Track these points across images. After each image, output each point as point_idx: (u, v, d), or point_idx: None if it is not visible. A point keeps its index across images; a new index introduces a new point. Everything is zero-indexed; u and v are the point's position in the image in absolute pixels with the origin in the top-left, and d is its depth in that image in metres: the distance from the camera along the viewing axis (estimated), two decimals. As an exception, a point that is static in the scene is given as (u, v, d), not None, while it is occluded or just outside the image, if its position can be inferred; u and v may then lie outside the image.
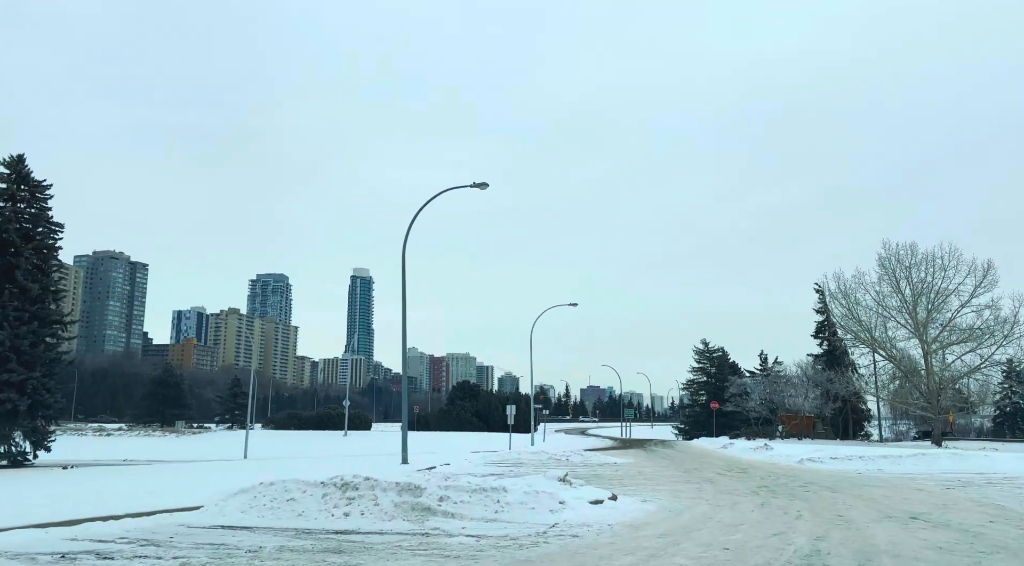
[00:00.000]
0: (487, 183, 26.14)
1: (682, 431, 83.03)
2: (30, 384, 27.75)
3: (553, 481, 13.48)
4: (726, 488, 17.59)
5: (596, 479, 20.58)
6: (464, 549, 8.52)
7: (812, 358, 65.86)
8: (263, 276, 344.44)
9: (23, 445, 28.57)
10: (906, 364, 56.39)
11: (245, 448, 41.13)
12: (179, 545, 8.77)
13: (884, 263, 55.82)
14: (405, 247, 26.79)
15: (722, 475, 22.54)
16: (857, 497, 15.17)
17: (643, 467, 26.67)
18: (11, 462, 27.97)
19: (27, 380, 27.61)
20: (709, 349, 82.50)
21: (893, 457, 26.52)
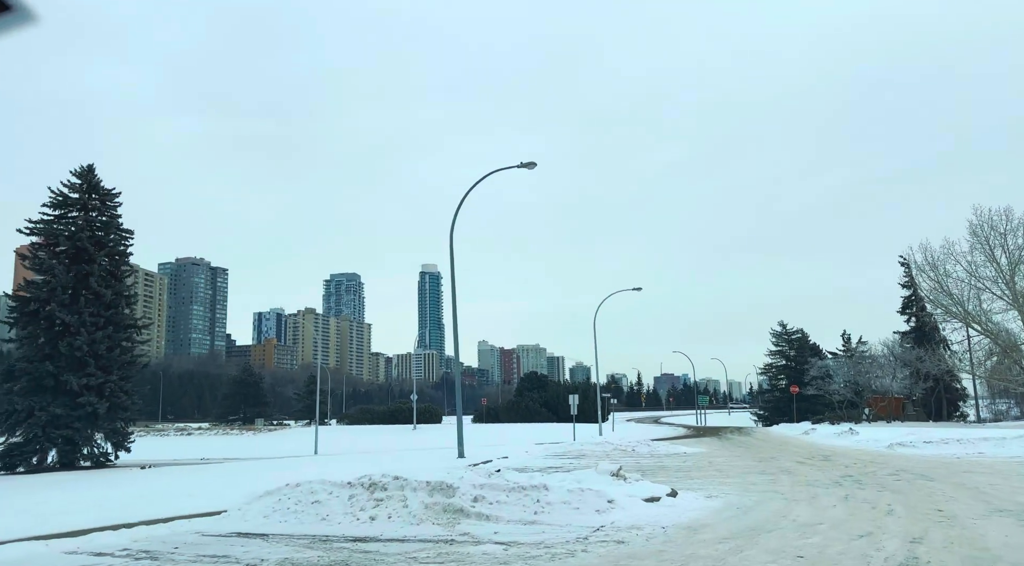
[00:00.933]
0: (535, 163, 24.90)
1: (761, 417, 79.77)
2: (108, 387, 28.43)
3: (605, 476, 12.22)
4: (805, 479, 15.90)
5: (661, 471, 19.17)
6: (487, 560, 7.40)
7: (899, 336, 61.88)
8: (336, 276, 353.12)
9: (104, 446, 29.33)
10: (1004, 338, 52.12)
11: (315, 444, 41.35)
12: (179, 558, 7.98)
13: (976, 231, 51.57)
14: (452, 231, 25.87)
15: (801, 464, 20.71)
16: (958, 486, 13.30)
17: (714, 457, 24.99)
18: (94, 463, 28.72)
19: (105, 383, 28.29)
20: (787, 331, 78.89)
21: (995, 439, 24.00)
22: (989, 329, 52.94)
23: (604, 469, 12.47)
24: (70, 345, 27.52)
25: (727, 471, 18.74)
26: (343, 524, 9.83)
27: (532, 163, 24.90)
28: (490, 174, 25.71)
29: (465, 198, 25.47)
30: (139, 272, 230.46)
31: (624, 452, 27.81)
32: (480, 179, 25.61)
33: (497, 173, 25.76)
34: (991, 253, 51.53)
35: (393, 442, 49.06)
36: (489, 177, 25.62)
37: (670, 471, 19.03)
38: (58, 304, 27.92)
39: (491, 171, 25.70)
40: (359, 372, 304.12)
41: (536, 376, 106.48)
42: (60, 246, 29.30)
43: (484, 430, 68.65)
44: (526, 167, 24.90)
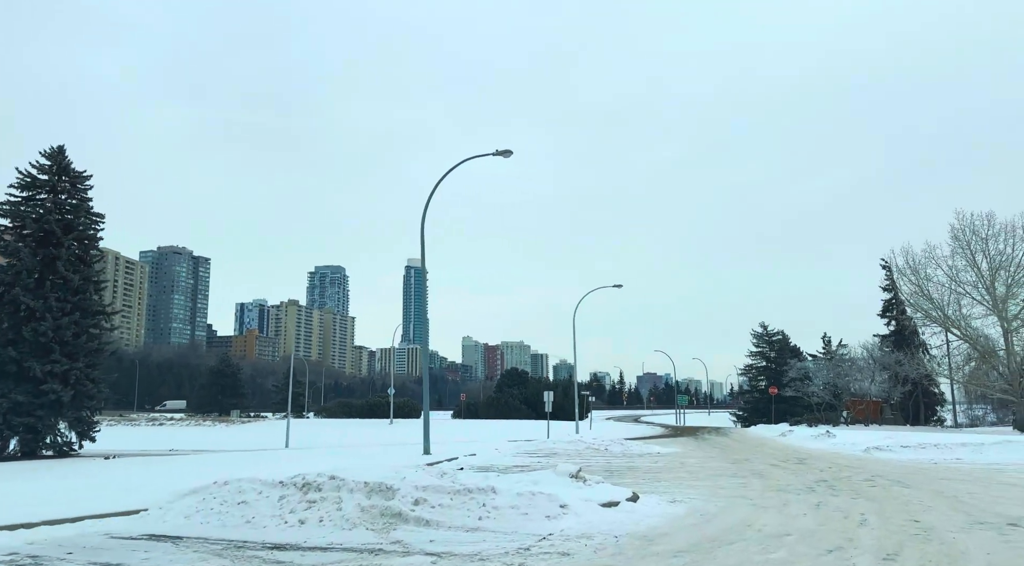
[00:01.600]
0: (510, 151, 24.07)
1: (740, 418, 79.60)
2: (73, 374, 27.47)
3: (563, 478, 11.43)
4: (777, 483, 15.20)
5: (630, 472, 18.45)
6: (411, 574, 6.57)
7: (879, 339, 61.69)
8: (321, 268, 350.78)
9: (68, 435, 28.38)
10: (983, 344, 51.97)
11: (287, 437, 40.44)
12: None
13: (957, 235, 51.32)
14: (424, 219, 25.00)
15: (775, 467, 20.06)
16: (936, 494, 12.64)
17: (688, 458, 24.31)
18: (57, 452, 27.75)
19: (70, 370, 27.30)
20: (768, 333, 78.73)
21: (973, 445, 23.48)
22: (968, 334, 52.76)
23: (563, 470, 11.67)
24: (34, 331, 26.53)
25: (698, 473, 18.03)
26: (268, 528, 8.96)
27: (508, 151, 24.07)
28: (464, 161, 24.87)
29: (437, 186, 24.62)
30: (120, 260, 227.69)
31: (596, 451, 27.11)
32: (453, 167, 24.77)
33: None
34: (972, 258, 51.30)
35: (367, 436, 48.16)
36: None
37: (639, 472, 18.30)
38: (23, 288, 26.91)
39: (465, 159, 24.86)
40: (341, 365, 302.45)
41: (517, 373, 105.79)
42: (26, 229, 28.26)
43: (461, 426, 67.90)
44: (501, 155, 24.07)
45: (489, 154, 24.24)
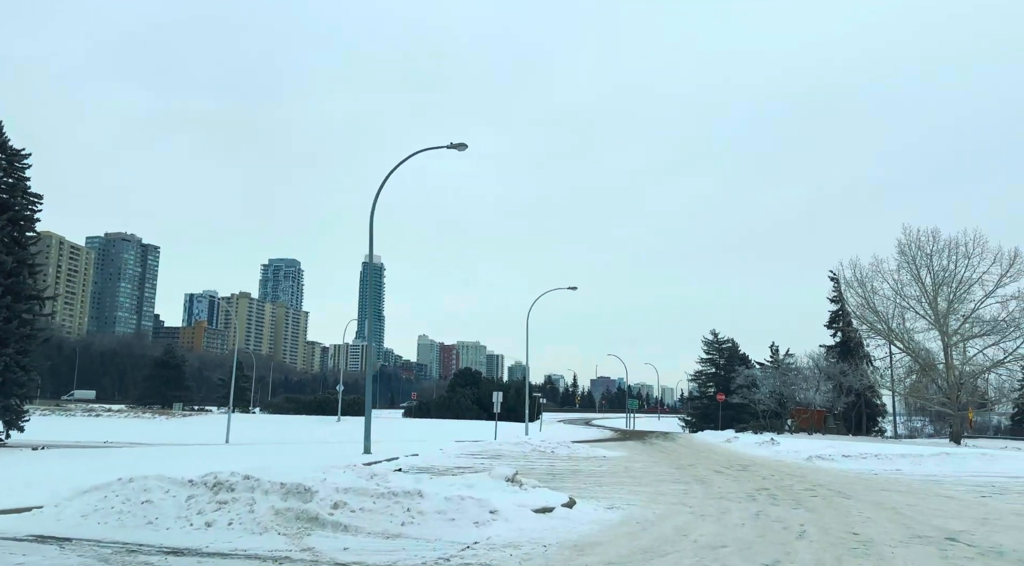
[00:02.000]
0: (465, 144, 23.51)
1: (689, 423, 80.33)
2: (2, 361, 25.97)
3: (499, 481, 10.92)
4: (718, 490, 14.96)
5: (572, 476, 18.06)
6: (314, 586, 5.98)
7: (825, 350, 62.84)
8: (275, 261, 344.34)
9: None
10: (924, 357, 53.30)
11: (227, 432, 39.22)
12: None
13: (904, 250, 52.60)
14: (373, 211, 24.26)
15: (718, 473, 19.91)
16: (876, 506, 12.51)
17: (633, 462, 24.07)
18: (-19, 441, 26.24)
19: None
20: (719, 340, 79.65)
21: (913, 456, 23.77)
22: (911, 347, 54.03)
23: (499, 474, 11.17)
24: (-40, 314, 25.02)
25: (641, 478, 17.73)
26: (172, 530, 8.25)
27: (462, 144, 23.50)
28: (417, 153, 24.21)
29: (388, 177, 23.91)
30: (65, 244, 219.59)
31: (543, 454, 26.72)
32: (405, 158, 24.09)
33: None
34: (917, 273, 52.58)
35: (311, 434, 47.06)
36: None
37: (582, 476, 17.93)
38: (-50, 269, 25.38)
39: (417, 151, 24.20)
40: (293, 360, 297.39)
41: (470, 372, 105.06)
42: (-44, 206, 26.68)
43: (411, 425, 66.91)
44: (456, 148, 23.49)
45: (443, 147, 23.65)
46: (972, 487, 16.26)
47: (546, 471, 19.19)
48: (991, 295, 50.32)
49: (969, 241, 50.74)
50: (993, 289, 50.11)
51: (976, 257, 50.24)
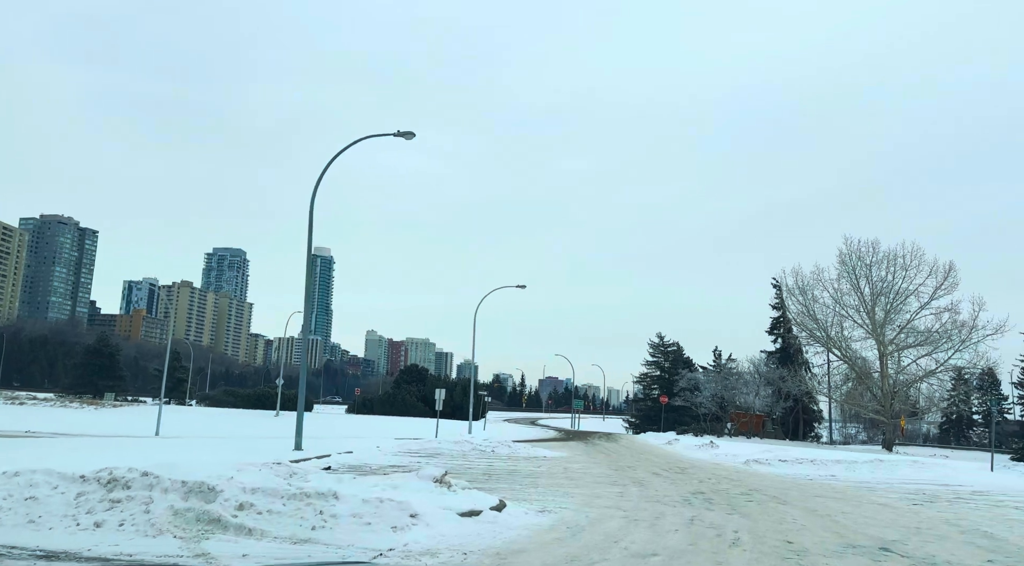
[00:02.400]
0: (412, 133, 22.84)
1: (632, 425, 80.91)
2: None
3: (425, 482, 10.36)
4: (655, 493, 14.69)
5: (509, 476, 17.59)
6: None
7: (766, 355, 63.95)
8: (220, 250, 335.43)
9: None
10: (860, 365, 54.66)
11: (158, 424, 37.64)
12: None
13: (845, 260, 53.85)
14: (314, 199, 23.36)
15: (657, 475, 19.73)
16: (810, 513, 12.38)
17: (572, 463, 23.76)
18: None
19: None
20: (664, 343, 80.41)
21: (848, 463, 24.06)
22: (848, 355, 55.34)
23: (427, 474, 10.60)
24: None
25: (578, 480, 17.37)
26: (55, 530, 7.45)
27: (409, 133, 22.82)
28: (361, 140, 23.41)
29: (330, 164, 23.04)
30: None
31: (482, 453, 26.23)
32: (350, 144, 23.27)
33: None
34: (856, 283, 53.88)
35: (246, 428, 45.49)
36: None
37: (519, 477, 17.48)
38: None
39: (361, 137, 23.41)
40: (235, 353, 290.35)
41: (416, 369, 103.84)
42: None
43: (353, 421, 65.61)
44: (403, 136, 22.79)
45: (389, 134, 22.92)
46: (904, 494, 16.38)
47: (483, 471, 18.69)
48: (926, 307, 51.89)
49: (907, 253, 52.24)
50: (928, 301, 51.68)
51: (913, 269, 51.77)
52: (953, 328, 50.92)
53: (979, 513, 13.13)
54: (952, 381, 58.29)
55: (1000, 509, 13.93)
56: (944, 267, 51.05)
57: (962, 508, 13.90)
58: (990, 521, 11.93)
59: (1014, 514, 13.20)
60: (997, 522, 11.86)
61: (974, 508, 13.95)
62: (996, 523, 11.71)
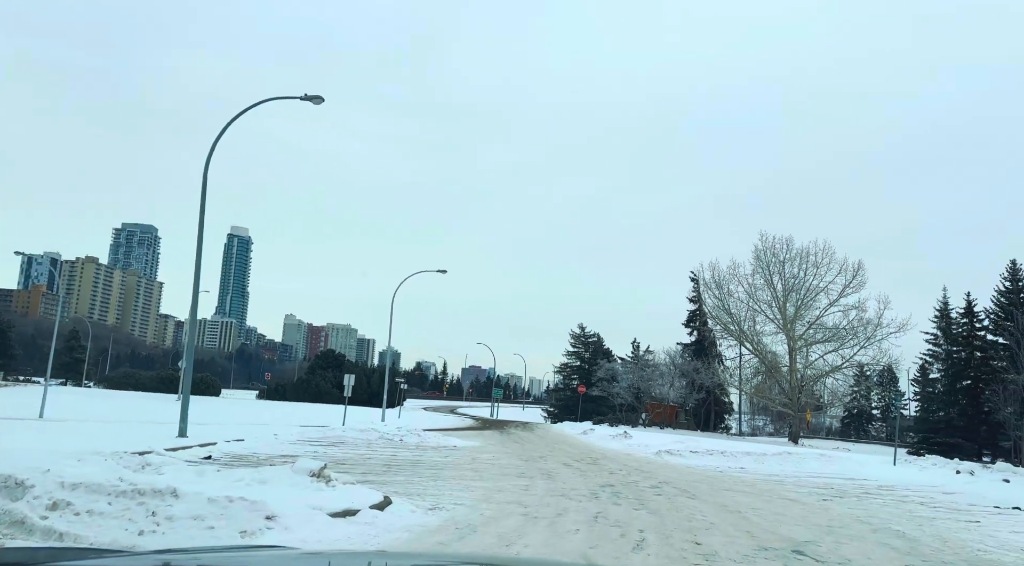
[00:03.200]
0: (321, 97, 21.21)
1: (551, 414, 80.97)
2: None
3: (300, 477, 9.10)
4: (562, 486, 13.84)
5: (411, 467, 16.43)
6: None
7: (681, 347, 64.84)
8: (129, 226, 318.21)
9: None
10: (770, 359, 56.01)
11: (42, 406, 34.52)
12: None
13: (760, 255, 54.95)
14: (207, 167, 21.43)
15: (567, 466, 18.99)
16: (720, 508, 11.76)
17: (482, 453, 22.81)
18: None
19: None
20: (585, 334, 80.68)
21: (757, 455, 24.04)
22: (759, 349, 56.64)
23: (303, 467, 9.33)
24: None
25: (484, 471, 16.38)
26: None
27: (318, 97, 21.17)
28: (263, 102, 21.63)
29: (228, 126, 21.14)
30: None
31: (389, 442, 24.95)
32: (248, 107, 21.43)
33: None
34: (769, 278, 55.07)
35: (141, 412, 42.47)
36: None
37: (421, 468, 16.34)
38: None
39: (265, 99, 21.62)
40: (143, 333, 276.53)
41: (333, 354, 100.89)
42: None
43: (260, 408, 62.82)
44: (311, 100, 21.13)
45: (296, 98, 21.19)
46: (813, 489, 16.14)
47: (384, 463, 17.46)
48: (835, 304, 53.55)
49: (819, 251, 53.67)
50: (837, 298, 53.32)
51: (824, 267, 53.28)
52: (859, 325, 52.76)
53: (888, 510, 12.86)
54: (855, 377, 60.61)
55: (907, 505, 13.75)
56: (853, 266, 52.77)
57: (871, 504, 13.65)
58: (900, 518, 11.60)
59: (921, 511, 13.00)
60: (906, 519, 11.54)
61: (882, 504, 13.72)
62: (906, 521, 11.38)
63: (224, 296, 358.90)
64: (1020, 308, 48.43)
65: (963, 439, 49.62)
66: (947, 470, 21.18)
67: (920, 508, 13.29)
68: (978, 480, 18.59)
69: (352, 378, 33.20)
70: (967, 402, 51.24)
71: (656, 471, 18.98)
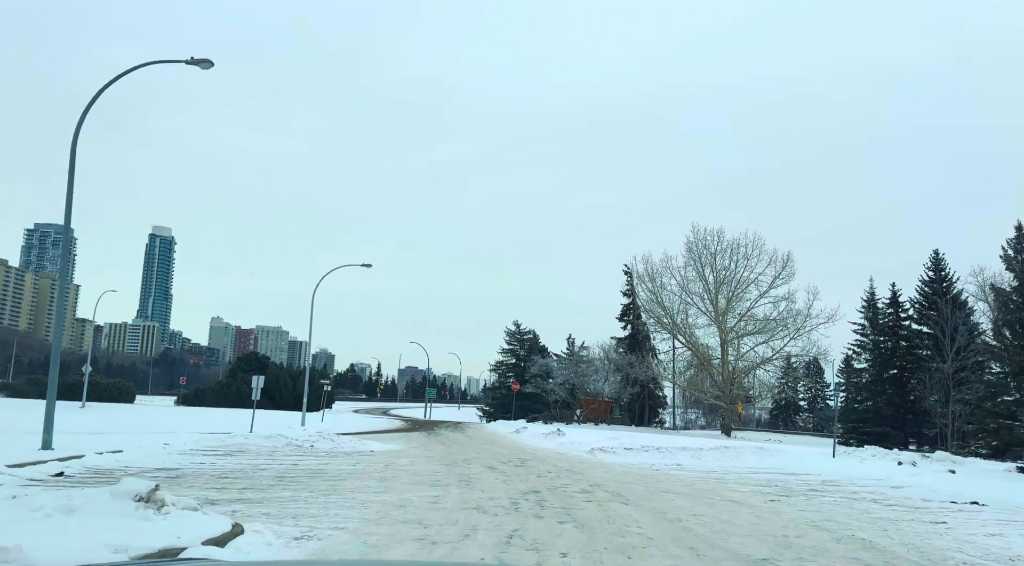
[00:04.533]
0: (210, 61, 18.72)
1: (486, 413, 79.14)
2: None
3: (121, 502, 6.93)
4: (479, 496, 11.97)
5: (308, 480, 14.24)
6: None
7: (615, 341, 64.01)
8: (43, 226, 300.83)
9: None
10: (702, 352, 55.65)
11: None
12: None
13: (692, 247, 54.46)
14: (76, 140, 18.66)
15: (491, 470, 17.14)
16: (659, 516, 10.11)
17: (400, 458, 20.74)
18: None
19: None
20: (520, 331, 79.18)
21: (693, 450, 22.75)
22: (692, 342, 56.25)
23: (124, 490, 7.14)
24: None
25: (393, 481, 14.35)
26: None
27: (206, 61, 18.67)
28: (146, 65, 18.99)
29: (98, 96, 18.44)
30: None
31: (297, 448, 22.56)
32: (127, 71, 18.77)
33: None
34: (701, 271, 54.65)
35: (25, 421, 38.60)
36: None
37: (318, 480, 14.18)
38: None
39: (147, 62, 18.99)
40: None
41: (256, 356, 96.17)
42: None
43: (169, 414, 58.69)
44: (197, 65, 18.61)
45: (182, 61, 18.64)
46: (756, 487, 14.74)
47: (277, 474, 15.20)
48: (765, 295, 53.53)
49: (749, 243, 53.52)
50: (767, 289, 53.30)
51: (754, 258, 53.17)
52: (789, 316, 52.88)
53: (842, 510, 11.47)
54: (782, 369, 60.93)
55: (860, 503, 12.44)
56: (783, 257, 52.84)
57: (822, 504, 12.27)
58: (859, 522, 10.18)
59: (878, 510, 11.67)
60: (867, 523, 10.12)
61: (834, 504, 12.36)
62: (867, 525, 9.95)
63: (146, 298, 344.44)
64: (943, 297, 49.33)
65: (891, 428, 50.24)
66: (887, 461, 20.30)
67: (875, 507, 11.97)
68: (922, 471, 17.66)
69: (261, 380, 30.51)
70: (893, 391, 51.93)
71: (588, 471, 17.34)
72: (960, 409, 43.44)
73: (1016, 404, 38.14)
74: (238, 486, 12.42)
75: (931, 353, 47.90)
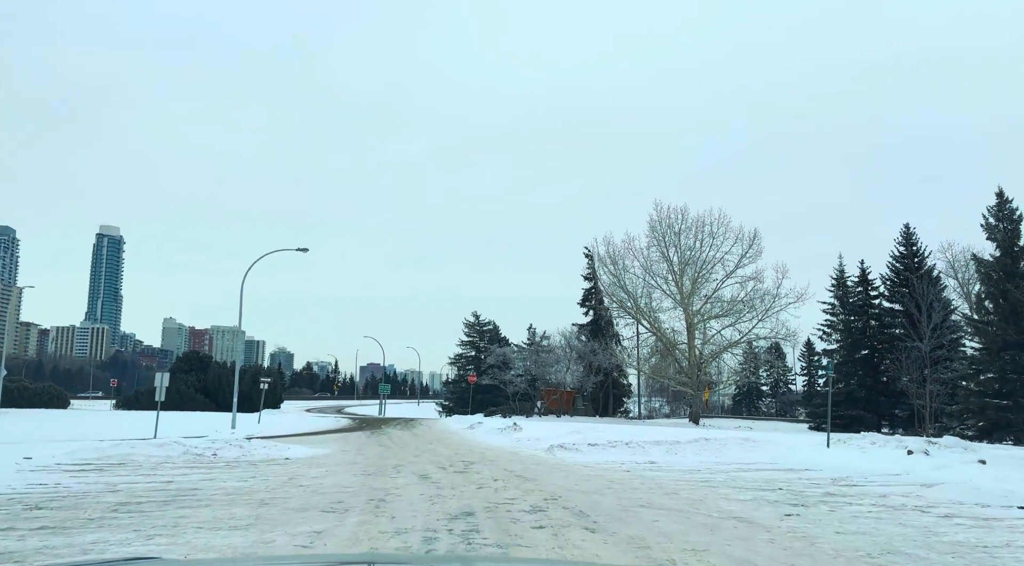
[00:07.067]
0: None
1: (445, 408, 75.56)
2: None
3: None
4: (384, 527, 8.41)
5: (161, 507, 10.51)
6: None
7: (577, 328, 60.89)
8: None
9: None
10: (668, 337, 52.86)
11: None
12: None
13: (655, 227, 51.50)
14: None
15: (424, 479, 13.60)
16: (642, 554, 6.72)
17: (315, 467, 17.05)
18: None
19: None
20: (480, 322, 75.76)
21: (668, 444, 19.53)
22: (656, 326, 53.35)
23: None
24: None
25: (276, 505, 10.65)
26: None
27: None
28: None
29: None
30: None
31: (195, 458, 18.66)
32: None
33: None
34: (665, 251, 51.67)
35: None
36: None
37: (181, 505, 10.48)
38: None
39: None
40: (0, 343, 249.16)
41: (196, 356, 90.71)
42: None
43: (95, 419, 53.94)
44: None
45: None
46: (756, 492, 11.46)
47: (125, 499, 11.42)
48: (732, 275, 50.84)
49: (714, 220, 50.74)
50: (734, 269, 50.58)
51: (720, 237, 50.38)
52: (756, 297, 50.31)
53: (892, 529, 8.21)
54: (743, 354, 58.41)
55: (905, 514, 9.23)
56: (749, 235, 50.20)
57: (856, 518, 9.01)
58: (938, 553, 6.91)
59: (941, 527, 8.42)
60: (948, 556, 6.86)
61: (872, 517, 9.11)
62: (950, 558, 6.69)
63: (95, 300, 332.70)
64: (915, 273, 47.19)
65: (864, 411, 48.07)
66: (893, 450, 17.36)
67: (933, 522, 8.75)
68: (945, 463, 14.67)
69: (166, 377, 26.30)
70: (865, 372, 49.81)
71: (544, 478, 13.92)
72: (938, 389, 41.32)
73: (999, 381, 36.05)
74: (52, 521, 8.67)
75: (905, 331, 45.76)
